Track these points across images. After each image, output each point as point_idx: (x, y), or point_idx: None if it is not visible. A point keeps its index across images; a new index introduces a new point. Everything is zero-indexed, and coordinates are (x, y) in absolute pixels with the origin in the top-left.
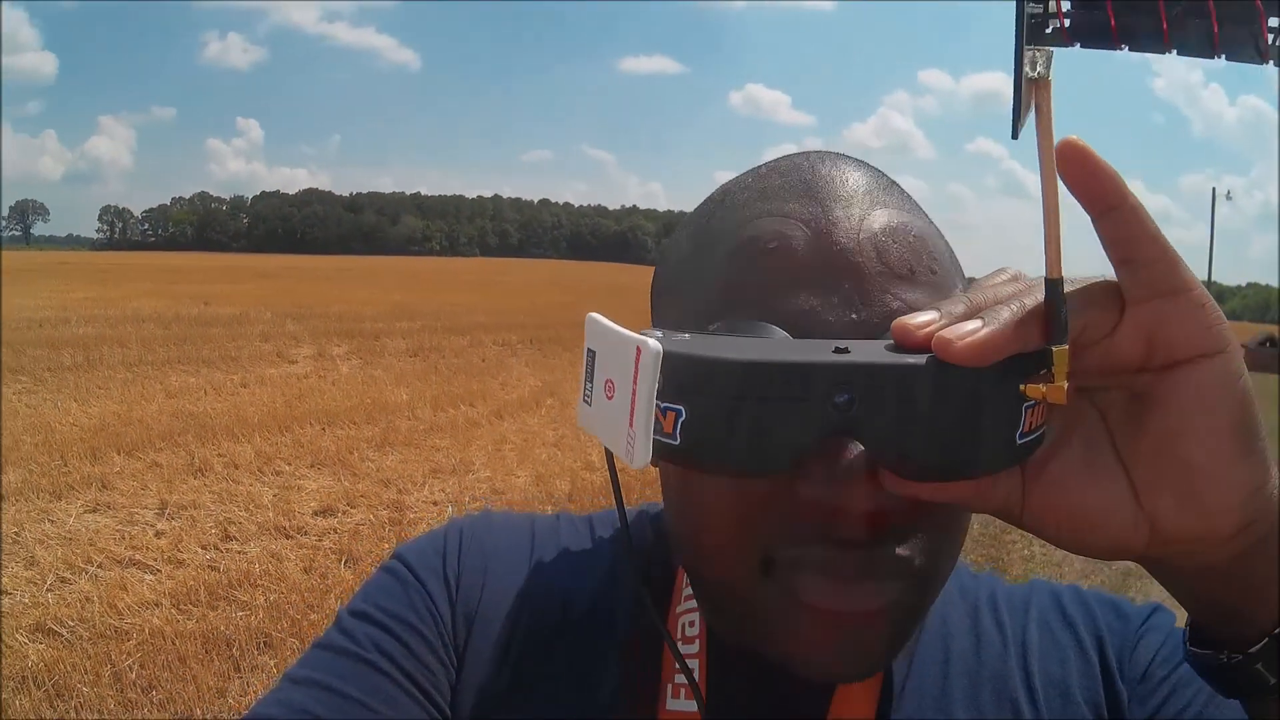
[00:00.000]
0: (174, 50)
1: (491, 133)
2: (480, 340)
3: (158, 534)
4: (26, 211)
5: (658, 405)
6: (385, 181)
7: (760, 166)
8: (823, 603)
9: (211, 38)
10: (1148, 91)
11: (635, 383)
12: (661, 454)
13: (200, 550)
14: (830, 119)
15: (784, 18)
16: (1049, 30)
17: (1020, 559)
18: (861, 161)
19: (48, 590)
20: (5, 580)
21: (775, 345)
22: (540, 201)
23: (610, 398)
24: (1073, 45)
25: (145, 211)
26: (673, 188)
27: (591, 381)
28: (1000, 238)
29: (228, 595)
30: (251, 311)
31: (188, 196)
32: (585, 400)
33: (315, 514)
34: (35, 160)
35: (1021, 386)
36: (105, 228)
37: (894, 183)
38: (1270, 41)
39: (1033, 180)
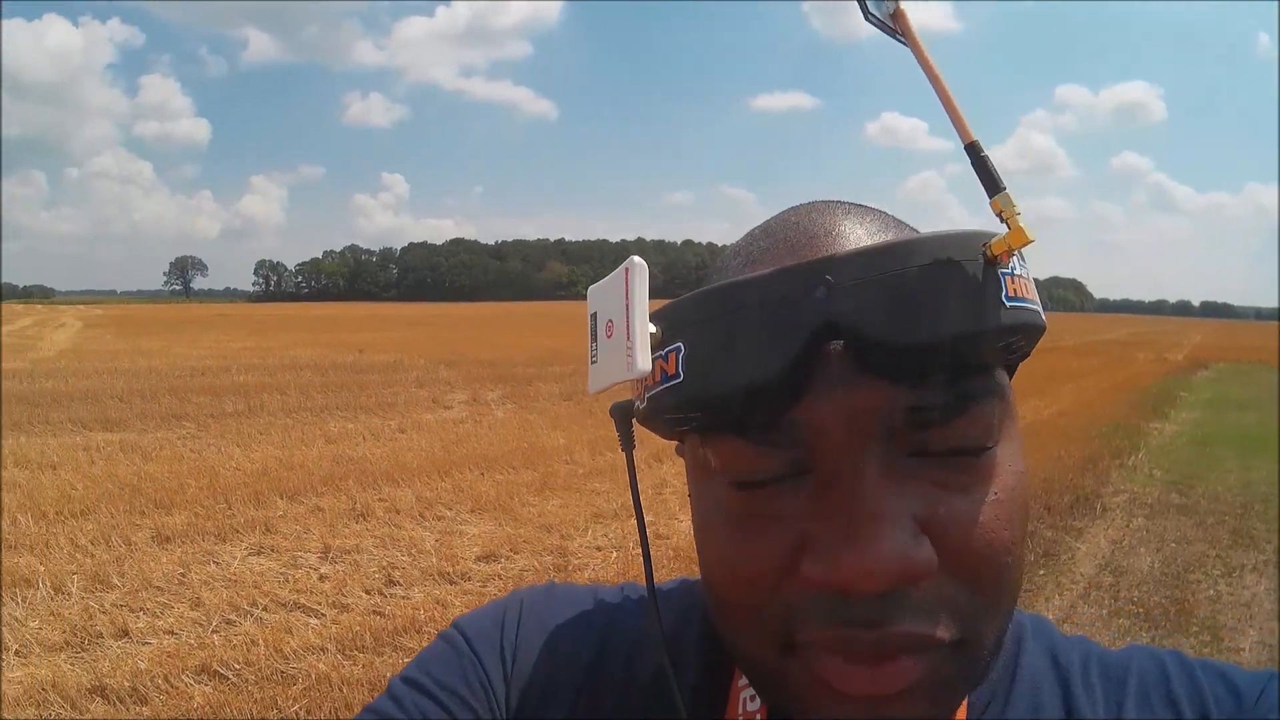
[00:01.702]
0: (320, 112)
1: (631, 177)
2: None
3: (321, 578)
4: (186, 267)
5: (658, 354)
6: (529, 229)
7: (756, 226)
8: (847, 687)
9: (354, 99)
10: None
11: (627, 297)
12: (670, 402)
13: (364, 595)
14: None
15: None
16: None
17: (1206, 599)
18: (865, 209)
19: (213, 631)
20: (172, 620)
21: (759, 271)
22: (684, 242)
23: (610, 335)
24: None
25: (298, 265)
26: None
27: (595, 340)
28: (1150, 255)
29: (393, 641)
30: (405, 359)
31: (338, 250)
32: (593, 360)
33: (478, 559)
34: (192, 220)
35: (985, 246)
36: (260, 281)
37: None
38: None
39: (1183, 193)
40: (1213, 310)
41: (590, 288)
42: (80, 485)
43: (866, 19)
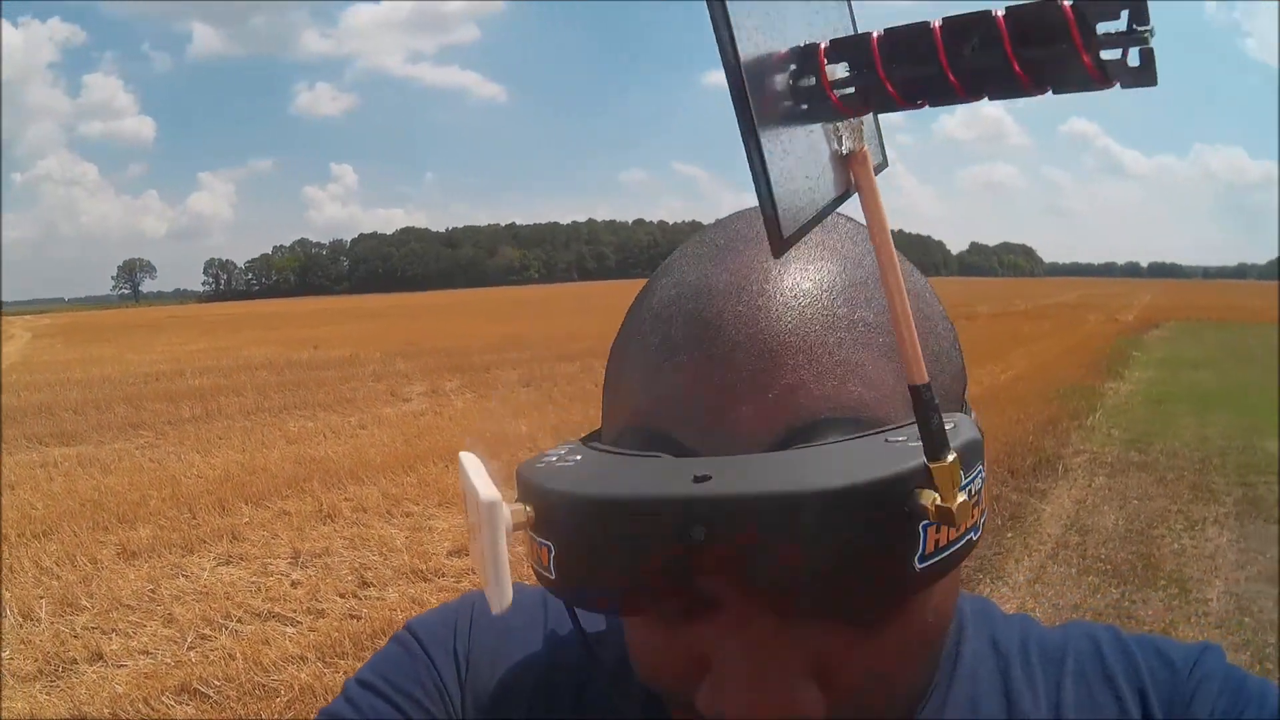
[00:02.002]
0: (267, 104)
1: (582, 157)
2: (591, 366)
3: (293, 584)
4: (134, 270)
5: (534, 539)
6: (481, 215)
7: (674, 281)
8: None
9: (302, 88)
10: (1239, 54)
11: (481, 534)
12: (544, 586)
13: (339, 599)
14: (919, 113)
15: (864, 9)
16: (824, 104)
17: (1171, 554)
18: (808, 261)
19: (189, 648)
20: (146, 639)
21: (639, 474)
22: (635, 222)
23: (473, 541)
24: (855, 116)
25: (248, 262)
26: None
27: (467, 521)
28: (1101, 219)
29: (373, 645)
30: (361, 352)
31: (288, 244)
32: (471, 538)
33: (450, 554)
34: (139, 220)
35: (911, 494)
36: (210, 280)
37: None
38: (1097, 57)
39: (1131, 157)
40: (1161, 271)
41: (461, 457)
42: (40, 504)
43: (784, 250)
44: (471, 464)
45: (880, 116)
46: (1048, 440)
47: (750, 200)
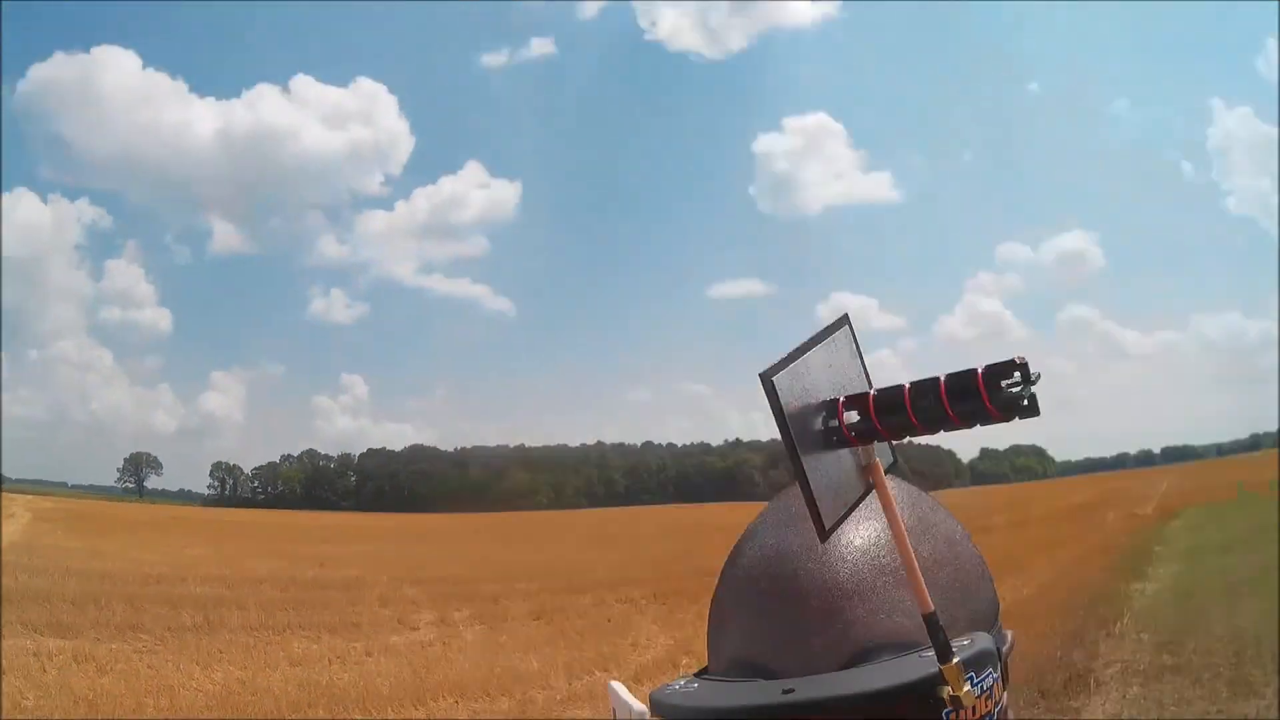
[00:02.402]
0: (282, 307)
1: (589, 374)
2: (603, 599)
3: None
4: (140, 464)
5: None
6: (489, 433)
7: (772, 513)
8: None
9: (316, 294)
10: (1222, 214)
11: None
12: None
13: None
14: (919, 316)
15: (858, 217)
16: (842, 438)
17: None
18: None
19: None
20: None
21: (744, 692)
22: (644, 445)
23: None
24: (861, 445)
25: (255, 469)
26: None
27: None
28: (1109, 406)
29: None
30: (368, 575)
31: (296, 454)
32: None
33: None
34: (150, 413)
35: (938, 690)
36: (216, 483)
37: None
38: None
39: (1132, 338)
40: (1174, 454)
41: (610, 686)
42: (31, 695)
43: (828, 536)
44: (619, 688)
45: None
46: (1076, 654)
47: (758, 420)
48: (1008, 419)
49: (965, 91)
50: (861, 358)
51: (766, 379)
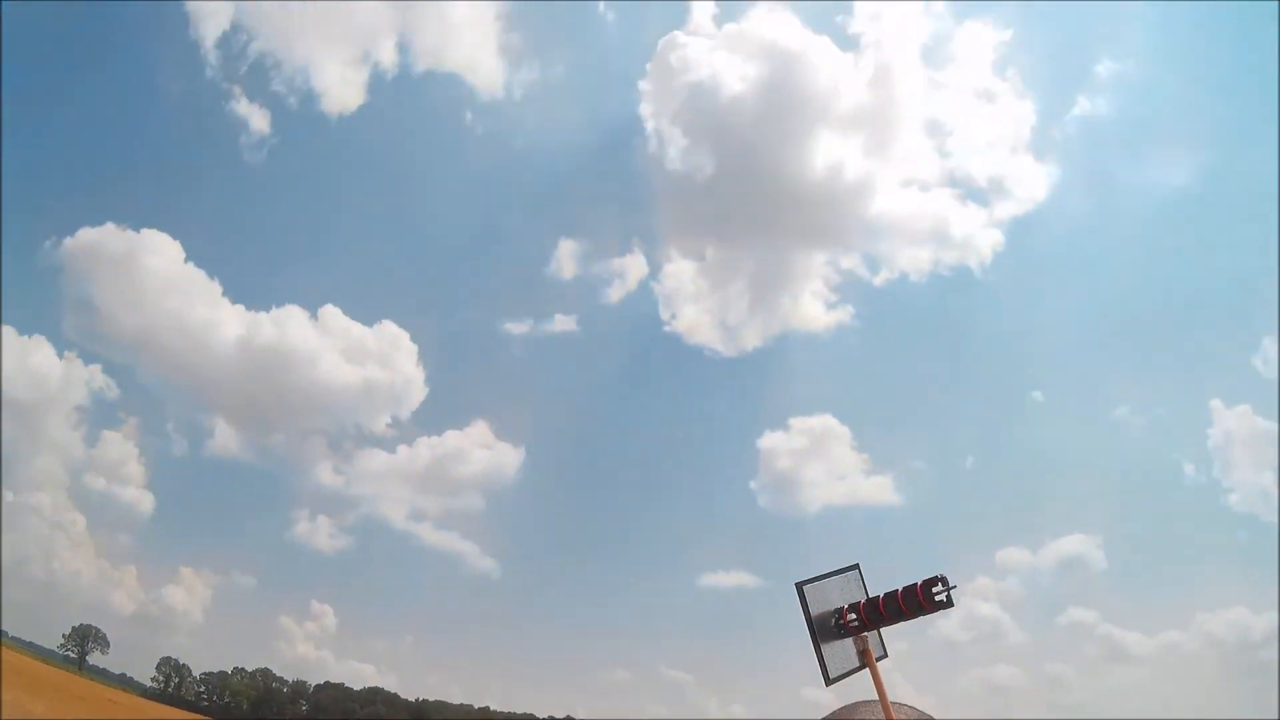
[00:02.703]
0: (265, 521)
1: (567, 648)
2: None
3: None
4: (88, 638)
5: None
6: (454, 690)
7: None
8: None
9: (302, 516)
10: (1225, 511)
11: None
12: None
13: None
14: (918, 621)
15: (857, 518)
16: (844, 630)
17: None
18: None
19: None
20: None
21: None
22: None
23: None
24: (858, 634)
25: (205, 674)
26: (755, 709)
27: None
28: (1109, 708)
29: None
30: None
31: (250, 669)
32: None
33: None
34: (111, 591)
35: None
36: (161, 679)
37: None
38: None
39: (1134, 639)
40: None
41: None
42: None
43: (832, 683)
44: None
45: (883, 630)
46: None
47: (737, 712)
48: (936, 610)
49: (970, 400)
50: (865, 589)
51: (799, 587)
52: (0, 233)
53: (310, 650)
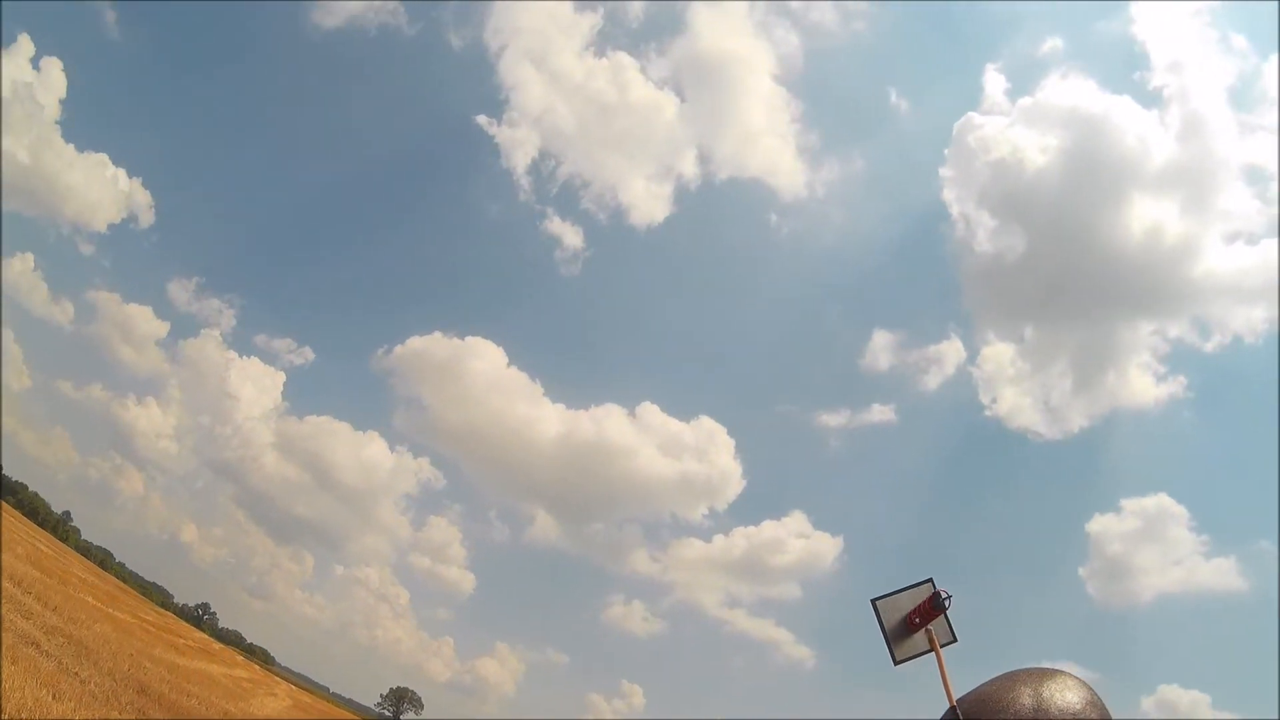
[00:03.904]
0: (579, 606)
1: None
2: None
3: None
4: (403, 698)
5: None
6: None
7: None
8: None
9: (617, 600)
10: None
11: None
12: None
13: None
14: (1259, 712)
15: (1196, 606)
16: (906, 626)
17: None
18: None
19: None
20: None
21: None
22: None
23: None
24: (920, 630)
25: None
26: None
27: None
28: None
29: None
30: None
31: None
32: None
33: None
34: (428, 659)
35: None
36: None
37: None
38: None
39: None
40: None
41: None
42: None
43: (899, 663)
44: None
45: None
46: None
47: None
48: (938, 615)
49: None
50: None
51: (873, 602)
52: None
53: None
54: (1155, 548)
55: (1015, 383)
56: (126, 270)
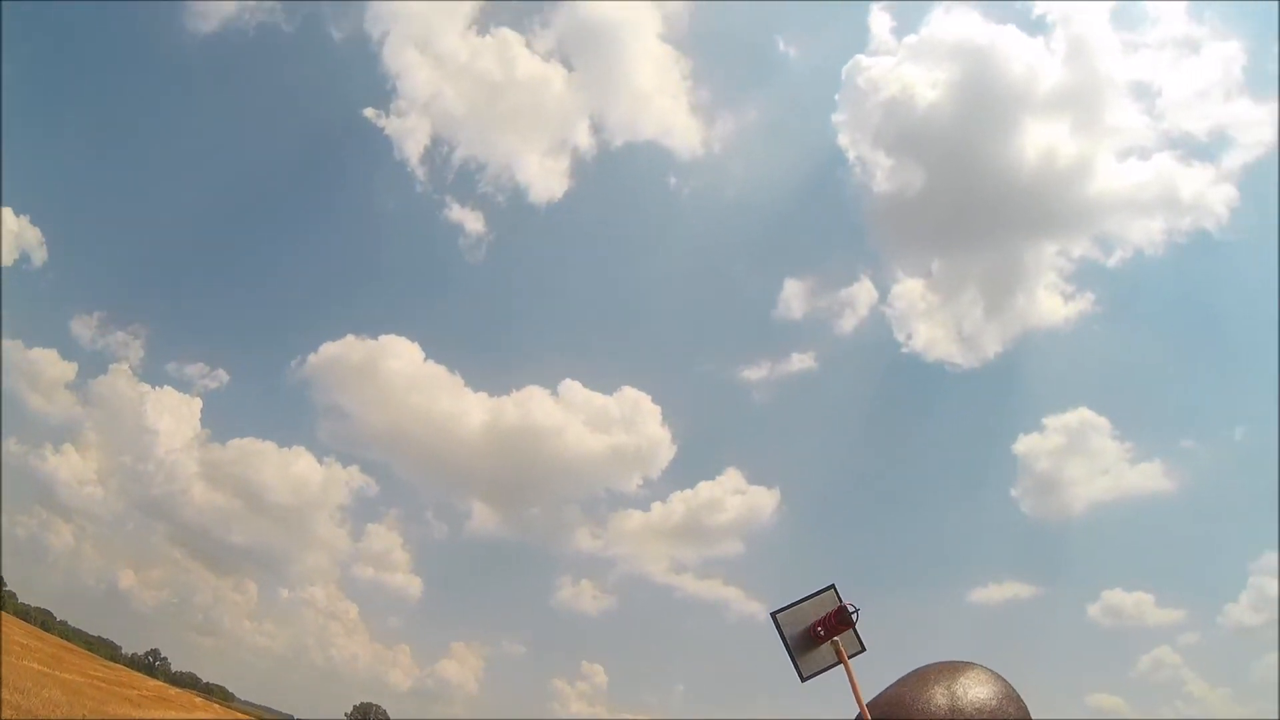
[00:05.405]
0: (529, 591)
1: (841, 680)
2: None
3: None
4: (369, 713)
5: None
6: None
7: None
8: None
9: (565, 582)
10: None
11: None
12: None
13: None
14: (1204, 608)
15: (1127, 511)
16: (809, 638)
17: None
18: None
19: None
20: None
21: None
22: None
23: None
24: (826, 642)
25: None
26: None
27: None
28: None
29: None
30: None
31: None
32: None
33: None
34: (387, 669)
35: None
36: None
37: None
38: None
39: None
40: None
41: None
42: None
43: (806, 680)
44: None
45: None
46: None
47: None
48: (850, 626)
49: (1230, 367)
50: (840, 602)
51: (772, 615)
52: None
53: (584, 708)
54: (1081, 460)
55: (928, 316)
56: (26, 313)
